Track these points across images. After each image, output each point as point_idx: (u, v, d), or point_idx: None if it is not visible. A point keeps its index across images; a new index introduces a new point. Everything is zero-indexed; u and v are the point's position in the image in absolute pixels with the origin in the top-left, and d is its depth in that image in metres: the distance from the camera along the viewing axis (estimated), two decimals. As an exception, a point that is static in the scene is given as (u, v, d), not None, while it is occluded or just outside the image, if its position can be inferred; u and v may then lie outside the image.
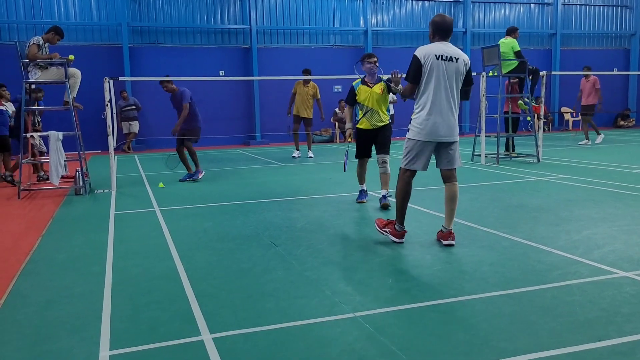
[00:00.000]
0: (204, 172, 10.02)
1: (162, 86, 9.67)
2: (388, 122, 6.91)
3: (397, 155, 5.97)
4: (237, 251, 5.04)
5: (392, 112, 15.03)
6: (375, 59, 6.74)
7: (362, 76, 6.91)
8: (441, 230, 5.13)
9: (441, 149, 4.98)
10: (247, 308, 3.58)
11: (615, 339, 2.98)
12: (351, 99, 6.96)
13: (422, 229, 5.67)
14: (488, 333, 3.09)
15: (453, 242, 4.99)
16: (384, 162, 6.90)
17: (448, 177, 5.09)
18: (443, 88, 4.81)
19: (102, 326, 3.34)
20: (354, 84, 6.88)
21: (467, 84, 5.00)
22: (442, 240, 5.06)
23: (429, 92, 4.82)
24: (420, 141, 4.89)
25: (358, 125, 6.92)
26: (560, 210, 6.40)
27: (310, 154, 13.90)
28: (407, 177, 5.06)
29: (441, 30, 4.88)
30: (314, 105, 13.70)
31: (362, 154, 7.08)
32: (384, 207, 6.77)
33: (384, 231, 5.23)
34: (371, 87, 6.73)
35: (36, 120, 11.28)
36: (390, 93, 6.65)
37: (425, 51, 4.82)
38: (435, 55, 4.78)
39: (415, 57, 4.85)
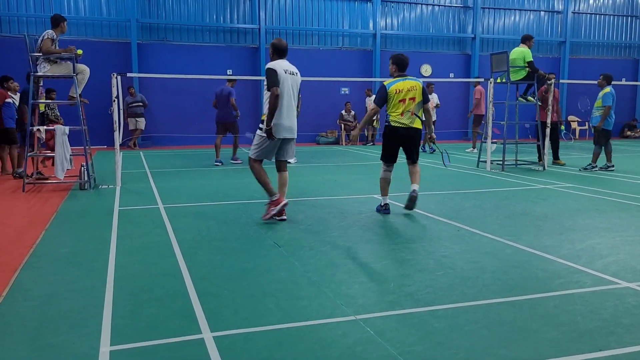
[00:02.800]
0: (219, 164, 12.26)
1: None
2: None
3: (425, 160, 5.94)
4: (239, 250, 5.05)
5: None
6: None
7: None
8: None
9: (284, 144, 6.24)
10: (249, 308, 3.58)
11: (616, 349, 2.97)
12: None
13: (425, 233, 5.66)
14: (488, 340, 3.09)
15: (285, 217, 6.22)
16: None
17: (282, 167, 6.38)
18: (287, 96, 6.06)
19: (103, 322, 3.34)
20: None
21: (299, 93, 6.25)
22: (276, 217, 6.17)
23: (281, 99, 6.00)
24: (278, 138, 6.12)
25: None
26: (564, 219, 6.38)
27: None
28: (259, 165, 6.31)
29: (280, 50, 6.17)
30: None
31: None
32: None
33: (271, 212, 6.13)
34: None
35: (56, 114, 11.42)
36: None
37: (277, 66, 6.02)
38: (284, 70, 6.05)
39: (272, 69, 5.97)
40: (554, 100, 12.20)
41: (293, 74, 6.18)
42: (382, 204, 6.73)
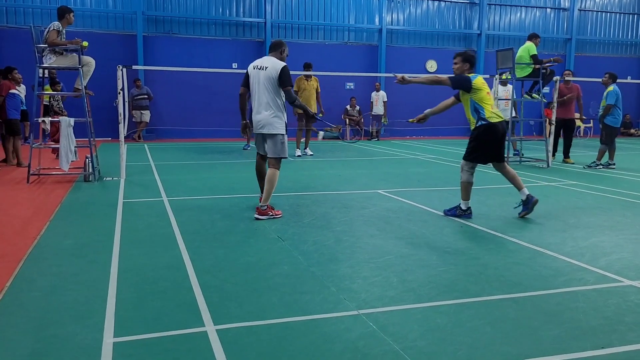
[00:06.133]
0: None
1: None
2: (474, 125, 6.29)
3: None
4: (243, 244, 5.06)
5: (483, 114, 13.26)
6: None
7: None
8: (259, 206, 6.13)
9: (264, 139, 6.22)
10: (252, 301, 3.60)
11: (618, 347, 2.97)
12: None
13: (429, 229, 5.66)
14: (491, 337, 3.09)
15: (260, 217, 6.02)
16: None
17: (268, 163, 6.30)
18: (254, 92, 6.14)
19: (107, 313, 3.36)
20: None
21: (281, 85, 6.03)
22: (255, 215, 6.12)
23: (252, 94, 6.18)
24: (255, 133, 6.29)
25: None
26: (568, 216, 6.37)
27: (309, 151, 13.44)
28: (258, 158, 6.53)
29: (269, 48, 6.40)
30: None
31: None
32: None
33: (270, 214, 6.09)
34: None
35: (60, 106, 11.44)
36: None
37: (251, 64, 6.24)
38: (253, 66, 6.20)
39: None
40: (574, 97, 12.16)
41: (261, 69, 6.09)
42: (465, 207, 6.30)
